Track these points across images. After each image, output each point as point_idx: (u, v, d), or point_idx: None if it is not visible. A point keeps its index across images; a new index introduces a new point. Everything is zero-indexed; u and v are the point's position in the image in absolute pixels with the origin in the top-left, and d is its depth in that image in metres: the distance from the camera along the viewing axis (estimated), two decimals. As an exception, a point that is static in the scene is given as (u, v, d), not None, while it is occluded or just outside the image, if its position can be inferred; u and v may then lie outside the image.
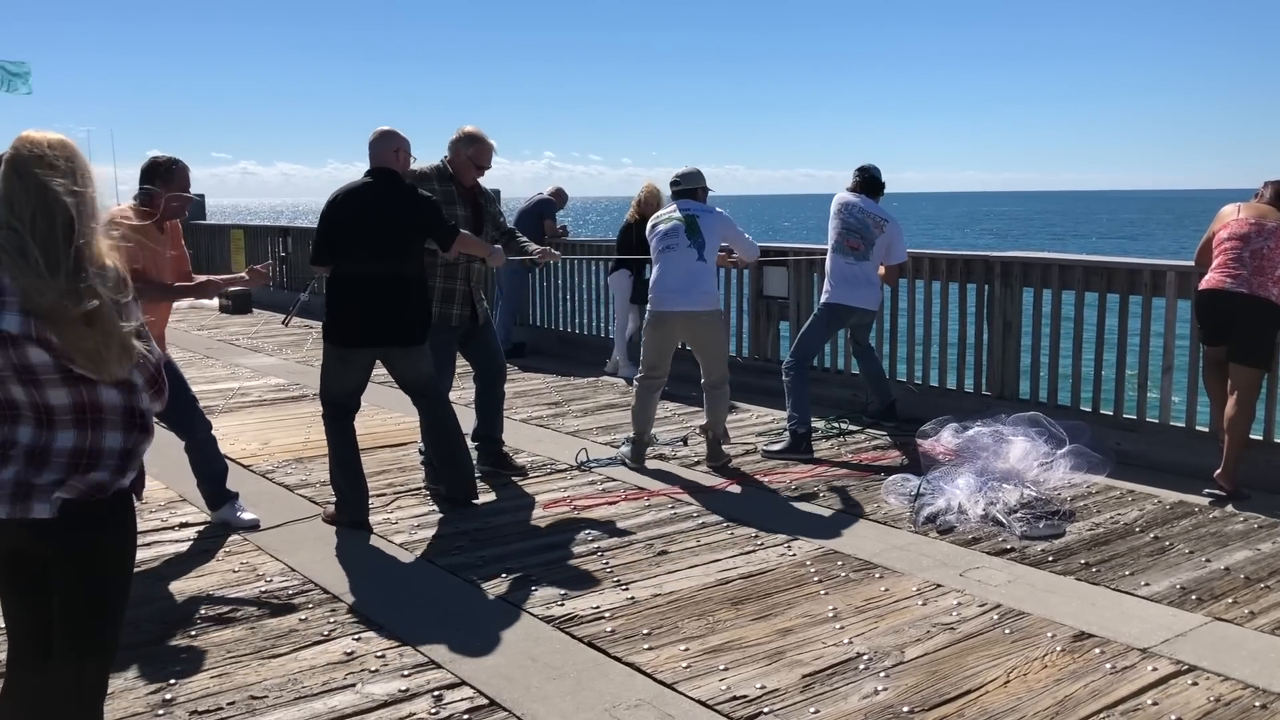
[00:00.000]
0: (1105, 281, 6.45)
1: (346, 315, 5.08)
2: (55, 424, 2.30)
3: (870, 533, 5.01)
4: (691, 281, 6.01)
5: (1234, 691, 3.42)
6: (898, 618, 4.01)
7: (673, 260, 6.06)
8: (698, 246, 6.03)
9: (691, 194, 6.27)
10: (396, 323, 5.09)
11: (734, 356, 8.67)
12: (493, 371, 6.06)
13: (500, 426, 6.16)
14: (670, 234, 6.10)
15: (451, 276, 5.68)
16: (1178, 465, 5.90)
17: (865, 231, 6.73)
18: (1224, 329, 5.47)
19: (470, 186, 5.80)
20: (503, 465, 6.08)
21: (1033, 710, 3.30)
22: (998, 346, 6.95)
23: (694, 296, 6.01)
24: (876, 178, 6.90)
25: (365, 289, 5.03)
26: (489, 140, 5.77)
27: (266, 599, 4.25)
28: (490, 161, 5.81)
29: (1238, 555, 4.66)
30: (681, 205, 6.22)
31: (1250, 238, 5.36)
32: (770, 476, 5.98)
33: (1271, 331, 5.39)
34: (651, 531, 5.03)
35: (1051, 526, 4.99)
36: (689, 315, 6.04)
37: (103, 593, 2.39)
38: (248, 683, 3.50)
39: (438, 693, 3.44)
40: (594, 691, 3.46)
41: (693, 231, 6.05)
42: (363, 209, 5.05)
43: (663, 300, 6.07)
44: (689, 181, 6.28)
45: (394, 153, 5.13)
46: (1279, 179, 5.57)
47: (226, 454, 6.27)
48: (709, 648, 3.75)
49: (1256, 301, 5.30)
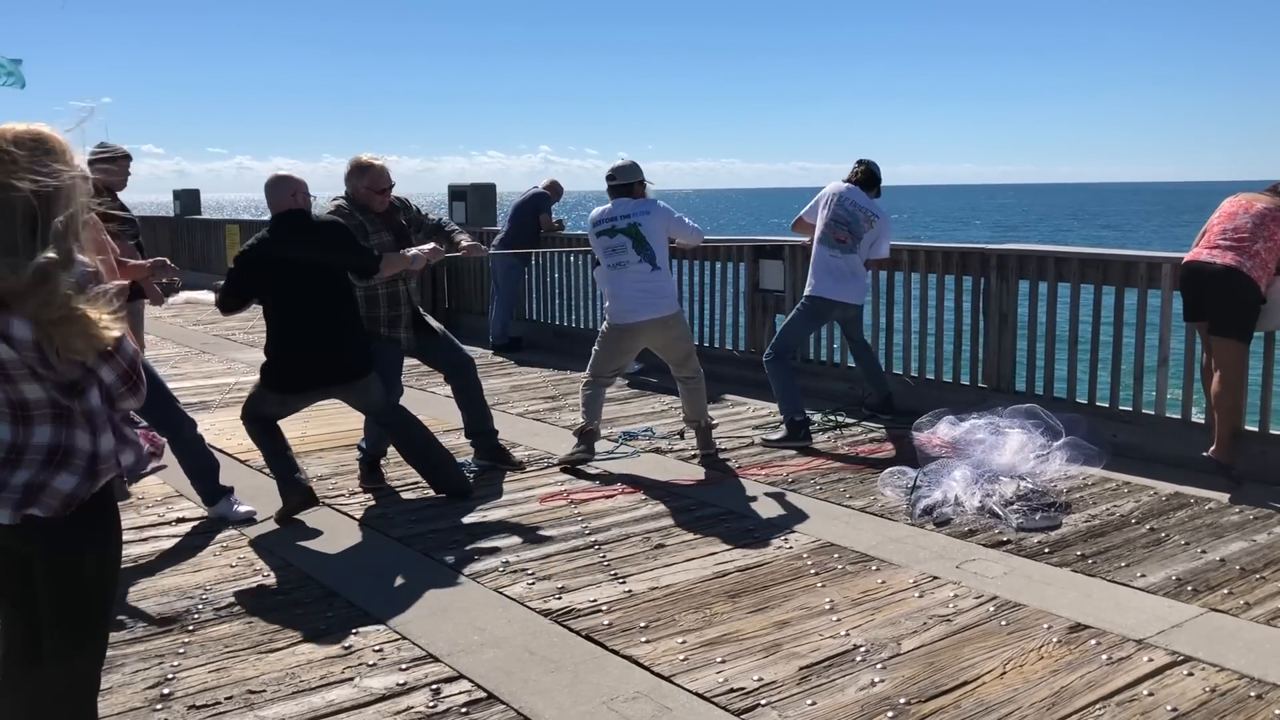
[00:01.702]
0: (1101, 274, 6.46)
1: (283, 360, 5.06)
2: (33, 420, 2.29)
3: (867, 525, 5.02)
4: (652, 293, 5.94)
5: (1229, 682, 3.43)
6: (894, 610, 4.02)
7: (627, 279, 5.95)
8: (648, 259, 5.91)
9: (628, 190, 6.03)
10: (334, 364, 5.08)
11: (730, 350, 8.70)
12: (458, 366, 5.99)
13: (489, 418, 6.10)
14: (618, 250, 5.96)
15: (395, 304, 5.64)
16: (1173, 457, 5.91)
17: (854, 225, 6.71)
18: (1200, 302, 5.53)
19: (384, 211, 5.70)
20: (500, 460, 6.05)
21: (1029, 701, 3.31)
22: (994, 339, 6.96)
23: (658, 305, 5.95)
24: (876, 173, 6.88)
25: (298, 333, 5.02)
26: (378, 162, 5.64)
27: (264, 593, 4.25)
28: (389, 181, 5.66)
29: (1233, 546, 4.67)
30: (620, 210, 5.99)
31: (1236, 215, 5.47)
32: (767, 470, 5.98)
33: (1245, 304, 5.40)
34: (648, 525, 5.04)
35: (1048, 518, 5.00)
36: (658, 322, 5.97)
37: (85, 591, 2.38)
38: (245, 677, 3.51)
39: (436, 686, 3.44)
40: (591, 684, 3.47)
41: (640, 245, 5.91)
42: (278, 256, 4.98)
43: (628, 314, 5.97)
44: (625, 176, 6.04)
45: (291, 197, 5.06)
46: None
47: (224, 449, 6.28)
48: (706, 640, 3.76)
49: (1228, 272, 5.35)
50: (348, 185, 5.67)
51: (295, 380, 5.10)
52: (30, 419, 2.29)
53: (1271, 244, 5.35)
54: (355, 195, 5.65)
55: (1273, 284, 5.38)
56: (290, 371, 5.07)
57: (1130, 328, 6.30)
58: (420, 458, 5.45)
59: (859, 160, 6.91)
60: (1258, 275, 5.33)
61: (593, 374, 6.15)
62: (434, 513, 5.26)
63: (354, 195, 5.65)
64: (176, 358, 9.95)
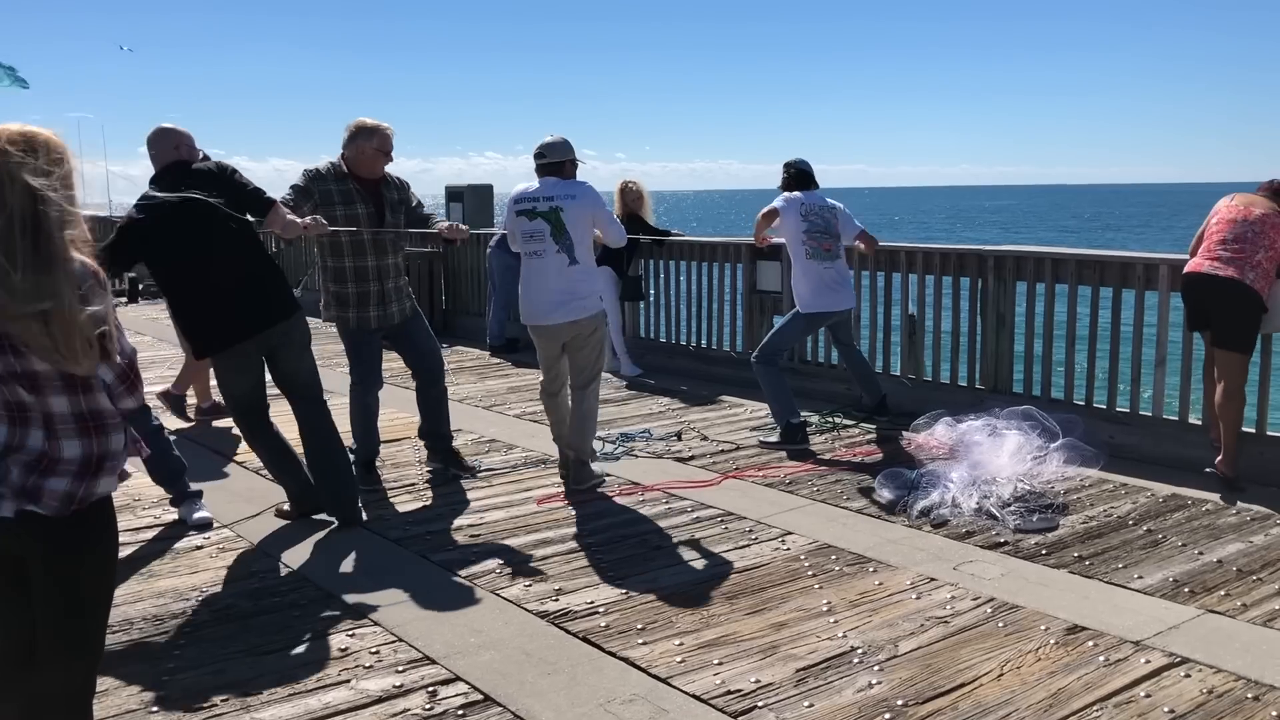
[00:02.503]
0: (1098, 275, 6.46)
1: (211, 321, 4.83)
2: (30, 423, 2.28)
3: (864, 526, 5.01)
4: (567, 292, 5.45)
5: (1226, 683, 3.43)
6: (892, 611, 4.02)
7: (540, 270, 5.47)
8: (566, 249, 5.41)
9: (558, 169, 5.54)
10: (259, 304, 4.82)
11: (727, 351, 8.69)
12: (427, 368, 5.84)
13: (446, 421, 5.95)
14: (534, 237, 5.46)
15: (362, 279, 5.45)
16: (1170, 458, 5.91)
17: (830, 227, 6.73)
18: (1204, 313, 5.51)
19: (374, 180, 5.47)
20: (452, 463, 5.94)
21: (1026, 703, 3.31)
22: (991, 340, 6.96)
23: (571, 307, 5.46)
24: (808, 171, 6.88)
25: (212, 289, 4.77)
26: (385, 125, 5.45)
27: (260, 595, 4.24)
28: (392, 145, 5.48)
29: (1230, 548, 4.67)
30: (545, 190, 5.47)
31: (1236, 222, 5.40)
32: (764, 471, 5.98)
33: (1249, 316, 5.38)
34: (645, 526, 5.04)
35: (1045, 520, 5.00)
36: (572, 325, 5.50)
37: (81, 594, 2.36)
38: (241, 679, 3.50)
39: (432, 688, 3.44)
40: (588, 686, 3.46)
41: (559, 232, 5.40)
42: (167, 214, 4.63)
43: (537, 314, 5.54)
44: (555, 154, 5.53)
45: (173, 149, 4.84)
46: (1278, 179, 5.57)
47: (220, 451, 6.27)
48: (703, 642, 3.76)
49: (1233, 284, 5.32)
50: (348, 148, 5.43)
51: (229, 331, 4.79)
52: (29, 420, 2.28)
53: (1273, 252, 5.31)
54: (355, 159, 5.41)
55: (1274, 289, 5.35)
56: (222, 325, 4.79)
57: (1127, 329, 6.30)
58: (325, 462, 5.07)
59: (786, 164, 6.87)
60: (1261, 286, 5.29)
61: (543, 380, 5.79)
62: (430, 514, 5.25)
63: (351, 159, 5.42)
64: (173, 359, 9.91)
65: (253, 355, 4.92)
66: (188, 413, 7.45)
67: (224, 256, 4.77)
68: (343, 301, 5.50)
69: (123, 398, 2.39)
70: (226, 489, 5.67)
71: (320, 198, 5.33)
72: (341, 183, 5.40)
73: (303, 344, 5.01)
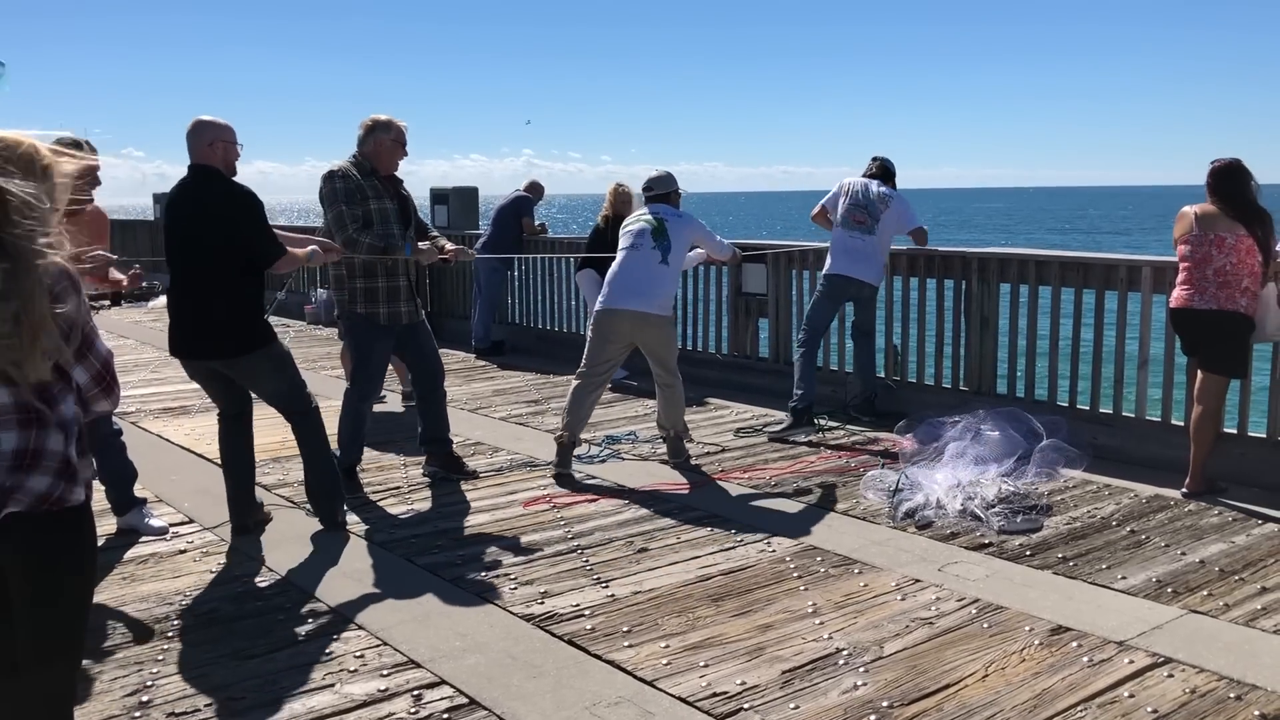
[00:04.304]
0: (1082, 277, 6.49)
1: (171, 323, 4.81)
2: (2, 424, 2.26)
3: (849, 528, 5.02)
4: (648, 284, 5.95)
5: (1209, 683, 3.45)
6: (877, 613, 4.03)
7: (633, 259, 6.02)
8: (662, 249, 5.99)
9: (665, 199, 6.25)
10: (202, 336, 4.69)
11: (713, 354, 8.70)
12: (430, 373, 5.81)
13: (446, 427, 5.92)
14: (638, 235, 6.08)
15: (393, 274, 5.48)
16: (1153, 459, 5.94)
17: (871, 208, 7.05)
18: (1199, 342, 5.50)
19: (391, 175, 5.56)
20: (453, 468, 5.91)
21: (1011, 704, 3.32)
22: (975, 342, 6.99)
23: (648, 299, 5.95)
24: (890, 168, 7.31)
25: (179, 298, 4.72)
26: (398, 120, 5.51)
27: (244, 599, 4.22)
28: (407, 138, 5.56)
29: (1212, 548, 4.70)
30: (652, 209, 6.19)
31: (1212, 257, 5.31)
32: (750, 473, 5.98)
33: (1243, 341, 5.38)
34: (631, 529, 5.03)
35: (1029, 521, 5.02)
36: (639, 316, 5.95)
37: (61, 599, 2.34)
38: (225, 683, 3.48)
39: (417, 692, 3.43)
40: (574, 689, 3.45)
41: (659, 234, 6.02)
42: (172, 211, 4.70)
43: (614, 298, 5.99)
44: (661, 186, 6.26)
45: (208, 146, 4.65)
46: (1215, 165, 5.43)
47: (203, 454, 6.24)
48: (689, 644, 3.76)
49: (1225, 315, 5.31)
50: (365, 144, 5.47)
51: (172, 343, 4.77)
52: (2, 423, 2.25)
53: (1254, 275, 5.29)
54: (374, 153, 5.46)
55: (1260, 300, 5.34)
56: (171, 333, 4.78)
57: (1111, 330, 6.33)
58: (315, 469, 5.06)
59: (874, 157, 7.36)
60: (1250, 309, 5.30)
61: (583, 367, 6.10)
62: (415, 518, 5.24)
63: (371, 154, 5.46)
64: (157, 362, 9.87)
65: (198, 370, 4.88)
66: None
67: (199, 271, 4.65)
68: (373, 297, 5.48)
69: (98, 400, 2.38)
70: (210, 493, 5.63)
71: (353, 194, 5.37)
72: (368, 178, 5.48)
73: (253, 372, 4.81)
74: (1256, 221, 5.28)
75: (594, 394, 6.09)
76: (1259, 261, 5.28)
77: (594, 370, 6.07)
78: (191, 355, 4.77)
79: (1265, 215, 5.32)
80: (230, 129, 4.69)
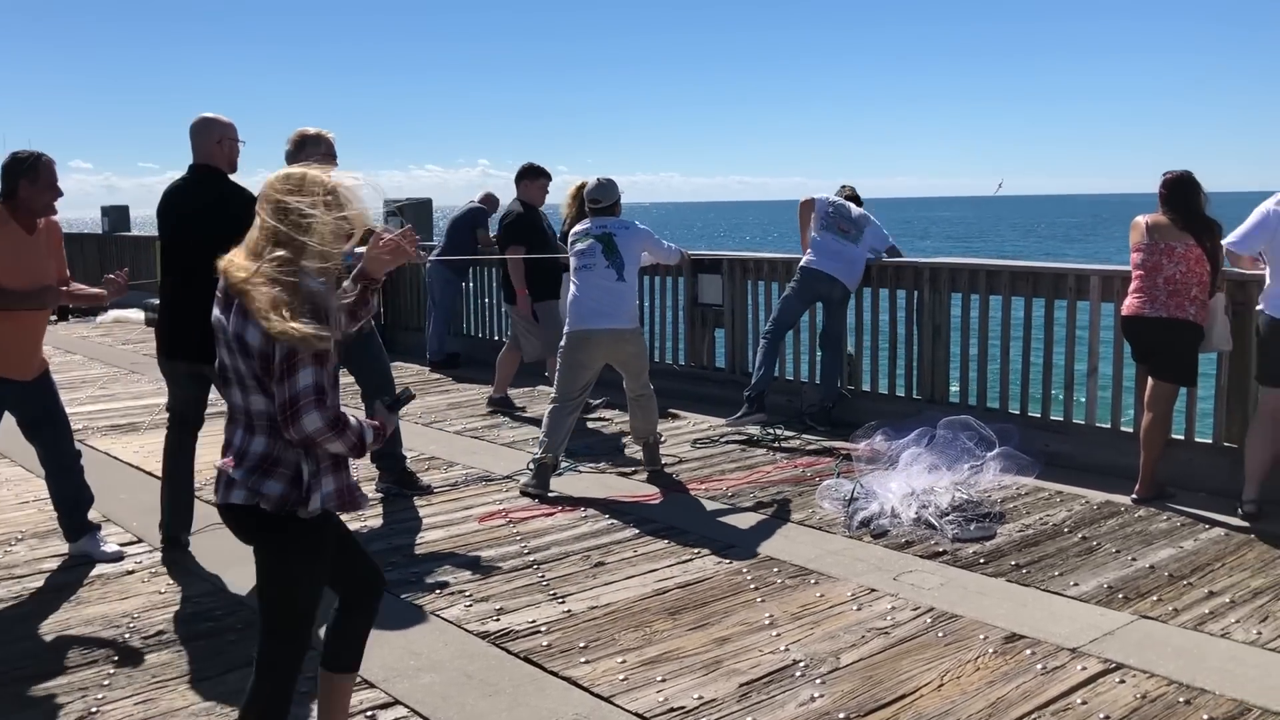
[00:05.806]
0: (1031, 286, 6.57)
1: (161, 325, 4.80)
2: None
3: (805, 538, 5.04)
4: (612, 303, 5.97)
5: (1159, 688, 3.49)
6: (833, 623, 4.04)
7: (591, 281, 6.00)
8: (616, 266, 5.99)
9: (610, 210, 6.22)
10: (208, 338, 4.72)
11: (669, 364, 8.70)
12: (381, 388, 5.63)
13: (399, 442, 5.83)
14: (587, 253, 6.05)
15: None
16: (1104, 465, 6.02)
17: (855, 223, 7.30)
18: (1150, 350, 5.58)
19: None
20: (406, 484, 5.84)
21: (966, 713, 3.34)
22: (928, 351, 7.05)
23: (615, 317, 5.97)
24: (859, 196, 7.63)
25: (180, 299, 4.66)
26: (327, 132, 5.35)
27: (193, 620, 4.14)
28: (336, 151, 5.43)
29: (1162, 554, 4.76)
30: (597, 223, 6.15)
31: (1162, 265, 5.38)
32: (707, 484, 5.99)
33: (1190, 349, 5.47)
34: (588, 543, 5.01)
35: (982, 529, 5.06)
36: (614, 334, 5.97)
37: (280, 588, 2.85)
38: (174, 708, 3.42)
39: (371, 713, 3.38)
40: (530, 707, 3.43)
41: (609, 252, 6.01)
42: (172, 211, 4.68)
43: (584, 319, 5.98)
44: (607, 198, 6.22)
45: (216, 144, 4.66)
46: (1167, 176, 5.52)
47: (151, 472, 6.13)
48: (646, 659, 3.74)
49: (1175, 323, 5.39)
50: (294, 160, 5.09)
51: (163, 344, 4.78)
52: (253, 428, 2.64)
53: (1202, 285, 5.38)
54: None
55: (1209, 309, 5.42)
56: (163, 335, 4.75)
57: (1061, 339, 6.42)
58: None
59: (843, 185, 7.75)
60: (1199, 317, 5.37)
61: (558, 395, 6.05)
62: (368, 534, 5.18)
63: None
64: (105, 378, 9.70)
65: (180, 372, 4.79)
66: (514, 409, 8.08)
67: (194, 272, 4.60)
68: None
69: None
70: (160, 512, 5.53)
71: None
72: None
73: None
74: (1205, 232, 5.38)
75: (572, 415, 6.05)
76: (1208, 271, 5.37)
77: (567, 397, 6.02)
78: (192, 358, 4.66)
79: (1214, 226, 5.41)
80: (234, 126, 4.73)
